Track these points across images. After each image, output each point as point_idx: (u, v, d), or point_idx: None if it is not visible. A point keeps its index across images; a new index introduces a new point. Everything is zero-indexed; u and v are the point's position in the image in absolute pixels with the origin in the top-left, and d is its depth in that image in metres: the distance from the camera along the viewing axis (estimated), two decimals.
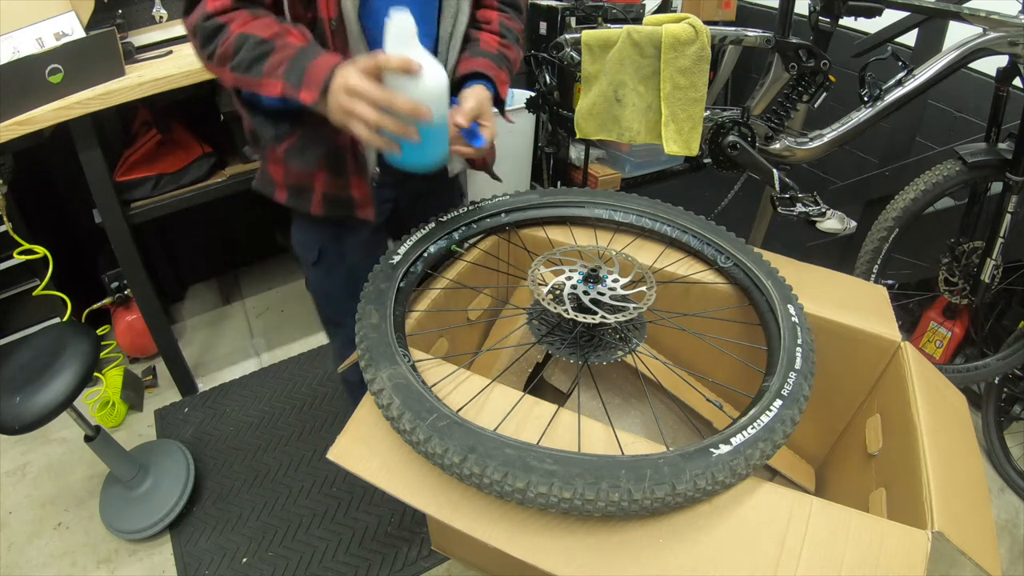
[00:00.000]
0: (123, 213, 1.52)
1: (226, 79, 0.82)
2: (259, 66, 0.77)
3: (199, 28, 0.79)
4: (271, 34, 0.77)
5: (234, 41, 0.77)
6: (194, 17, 0.80)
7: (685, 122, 1.16)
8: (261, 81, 0.77)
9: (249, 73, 0.78)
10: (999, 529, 1.50)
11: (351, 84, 0.72)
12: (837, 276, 1.09)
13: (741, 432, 0.68)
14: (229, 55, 0.78)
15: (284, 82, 0.76)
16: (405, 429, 0.67)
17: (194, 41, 0.81)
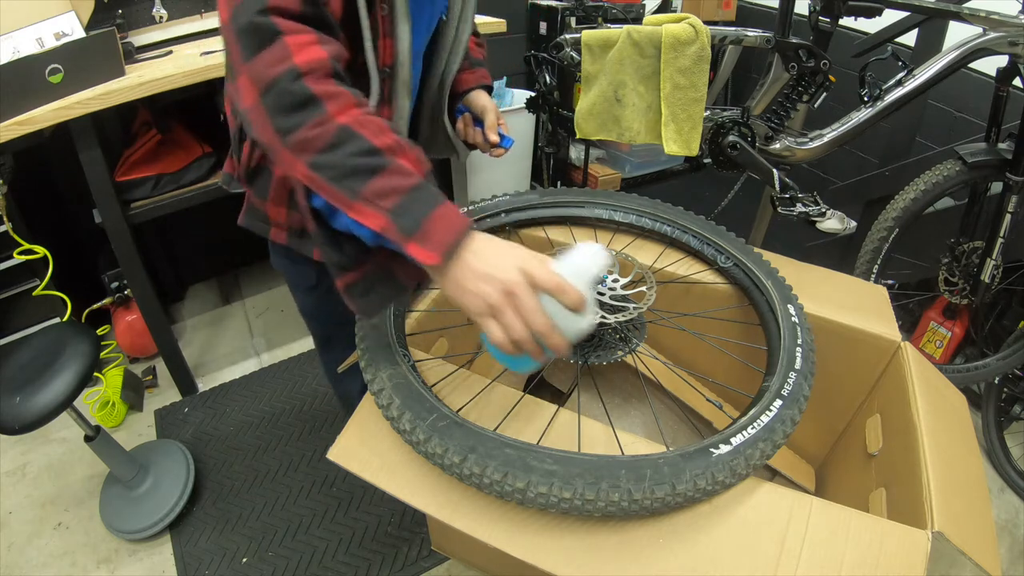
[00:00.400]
0: (123, 213, 1.51)
1: (294, 170, 0.60)
2: (358, 183, 0.58)
3: (280, 89, 0.58)
4: (385, 144, 0.59)
5: (335, 134, 0.58)
6: (275, 70, 0.58)
7: (685, 122, 1.16)
8: (354, 203, 0.58)
9: (340, 185, 0.58)
10: (999, 529, 1.50)
11: (516, 288, 0.57)
12: (837, 276, 1.09)
13: (741, 432, 0.68)
14: (319, 147, 0.58)
15: (390, 220, 0.57)
16: (405, 429, 0.67)
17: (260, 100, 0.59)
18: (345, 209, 0.59)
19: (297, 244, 0.90)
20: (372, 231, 0.59)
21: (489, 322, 0.58)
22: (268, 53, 0.59)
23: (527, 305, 0.57)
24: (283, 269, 1.00)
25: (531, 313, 0.57)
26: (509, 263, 0.58)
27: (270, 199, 0.87)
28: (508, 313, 0.58)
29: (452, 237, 0.58)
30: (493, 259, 0.59)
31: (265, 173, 0.85)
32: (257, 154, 0.84)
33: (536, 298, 0.58)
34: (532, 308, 0.58)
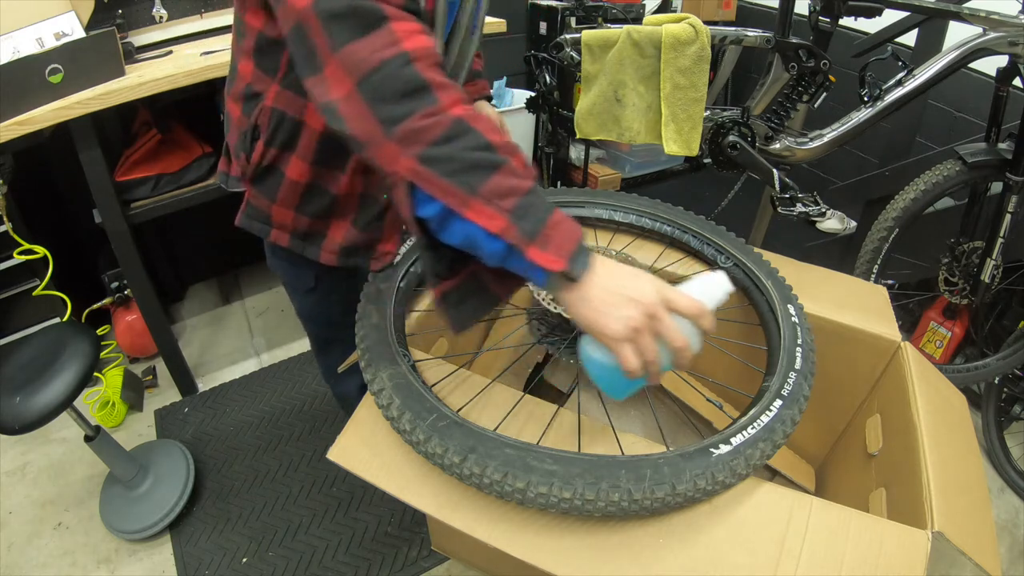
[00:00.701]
0: (123, 213, 1.51)
1: (397, 164, 0.55)
2: (477, 179, 0.54)
3: (387, 74, 0.54)
4: (498, 143, 0.56)
5: (450, 126, 0.55)
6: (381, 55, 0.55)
7: (685, 122, 1.16)
8: (471, 201, 0.54)
9: (456, 181, 0.54)
10: (999, 529, 1.50)
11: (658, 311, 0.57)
12: (837, 276, 1.09)
13: (741, 432, 0.68)
14: (431, 139, 0.54)
15: (510, 222, 0.54)
16: (405, 429, 0.67)
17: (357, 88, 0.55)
18: (459, 207, 0.55)
19: (300, 247, 0.88)
20: (488, 233, 0.55)
21: (626, 346, 0.57)
22: (374, 38, 0.55)
23: (669, 327, 0.57)
24: (281, 271, 0.98)
25: (673, 333, 0.57)
26: (647, 286, 0.57)
27: (278, 201, 0.84)
28: (647, 337, 0.57)
29: (572, 245, 0.56)
30: (630, 281, 0.58)
31: (276, 174, 0.83)
32: (271, 154, 0.81)
33: (674, 320, 0.58)
34: (674, 329, 0.57)
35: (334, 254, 0.88)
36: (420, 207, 0.58)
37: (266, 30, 0.73)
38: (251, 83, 0.79)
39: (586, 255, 0.57)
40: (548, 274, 0.56)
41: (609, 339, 0.57)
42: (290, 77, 0.75)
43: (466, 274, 0.66)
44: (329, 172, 0.82)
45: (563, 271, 0.56)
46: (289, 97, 0.77)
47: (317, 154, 0.80)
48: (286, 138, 0.79)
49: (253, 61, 0.77)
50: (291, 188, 0.83)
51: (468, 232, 0.57)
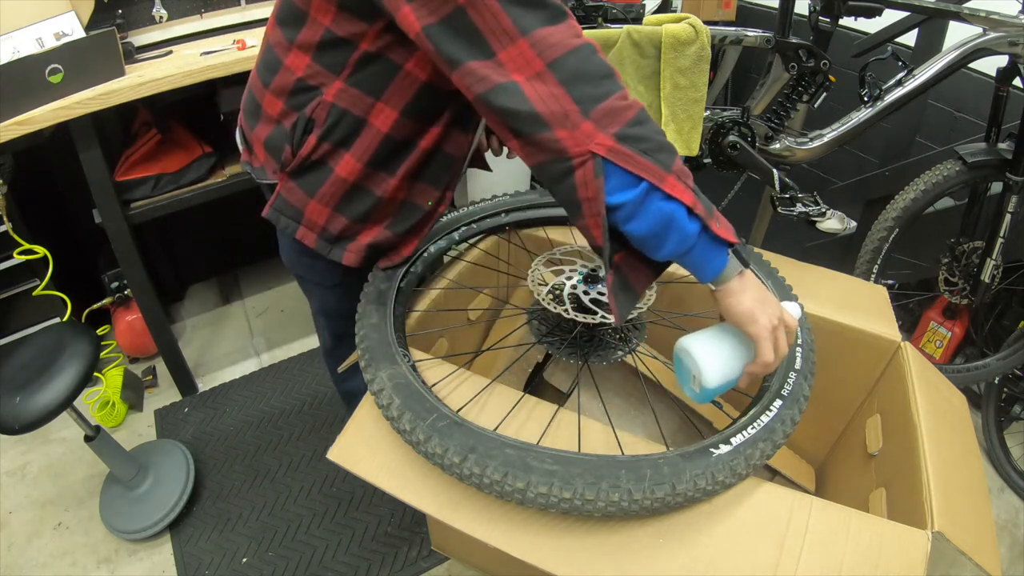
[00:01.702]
0: (123, 213, 1.51)
1: (592, 141, 0.59)
2: (669, 159, 0.60)
3: (583, 56, 0.59)
4: None
5: (640, 110, 0.61)
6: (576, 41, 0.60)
7: (685, 122, 1.16)
8: (667, 177, 0.59)
9: (654, 158, 0.59)
10: (999, 529, 1.50)
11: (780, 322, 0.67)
12: (837, 276, 1.09)
13: (741, 432, 0.68)
14: (627, 119, 0.59)
15: (695, 198, 0.61)
16: (405, 429, 0.67)
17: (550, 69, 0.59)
18: (656, 181, 0.59)
19: (325, 249, 0.86)
20: (689, 211, 0.60)
21: (768, 341, 0.64)
22: (563, 27, 0.60)
23: (783, 340, 0.66)
24: (303, 267, 0.96)
25: (787, 341, 0.67)
26: (776, 300, 0.68)
27: (316, 196, 0.83)
28: (775, 337, 0.65)
29: (732, 229, 0.64)
30: (767, 292, 0.68)
31: (323, 169, 0.81)
32: (324, 148, 0.79)
33: None
34: (788, 340, 0.67)
35: (359, 255, 0.87)
36: (615, 193, 0.60)
37: (335, 27, 0.73)
38: (303, 77, 0.77)
39: (744, 245, 0.66)
40: (727, 254, 0.64)
41: (760, 329, 0.64)
42: (358, 76, 0.75)
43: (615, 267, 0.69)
44: (379, 175, 0.82)
45: (735, 247, 0.63)
46: (355, 95, 0.76)
47: (375, 155, 0.80)
48: (344, 135, 0.79)
49: (310, 56, 0.76)
50: (337, 185, 0.82)
51: (667, 211, 0.60)
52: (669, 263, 0.70)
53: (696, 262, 0.65)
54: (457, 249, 1.04)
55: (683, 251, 0.63)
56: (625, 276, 0.69)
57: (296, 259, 0.96)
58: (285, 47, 0.78)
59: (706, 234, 0.63)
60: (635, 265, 0.69)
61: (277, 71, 0.80)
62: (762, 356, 0.65)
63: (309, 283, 1.01)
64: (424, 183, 0.86)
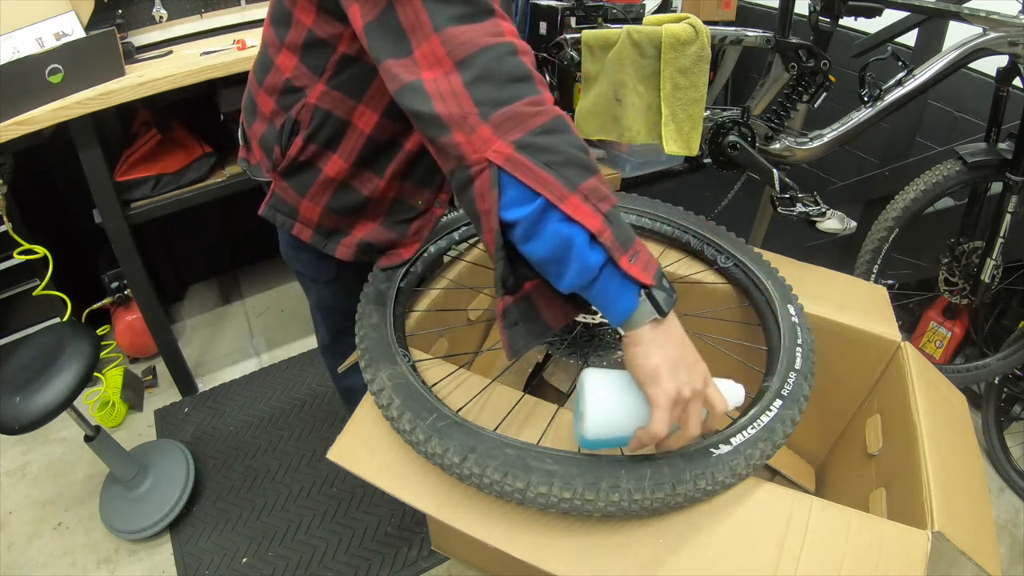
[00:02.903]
0: (123, 213, 1.51)
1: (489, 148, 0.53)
2: (578, 175, 0.53)
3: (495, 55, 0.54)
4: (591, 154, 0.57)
5: (553, 119, 0.54)
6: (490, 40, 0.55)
7: (685, 122, 1.16)
8: (570, 195, 0.52)
9: (556, 172, 0.52)
10: (999, 529, 1.50)
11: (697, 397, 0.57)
12: (837, 276, 1.09)
13: (741, 432, 0.68)
14: (533, 127, 0.53)
15: (606, 224, 0.53)
16: (405, 429, 0.67)
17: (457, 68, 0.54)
18: (555, 199, 0.52)
19: (321, 244, 0.88)
20: (589, 237, 0.53)
21: (669, 411, 0.55)
22: (480, 26, 0.55)
23: (697, 417, 0.58)
24: (300, 262, 0.98)
25: (696, 423, 0.58)
26: (703, 368, 0.58)
27: (308, 196, 0.84)
28: (677, 412, 0.56)
29: (655, 268, 0.55)
30: (693, 355, 0.58)
31: (312, 170, 0.82)
32: (311, 150, 0.80)
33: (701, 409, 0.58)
34: (699, 422, 0.58)
35: (352, 248, 0.88)
36: (510, 208, 0.54)
37: (316, 28, 0.73)
38: (291, 78, 0.78)
39: (670, 290, 0.55)
40: (638, 297, 0.54)
41: (659, 394, 0.55)
42: (339, 79, 0.75)
43: (522, 294, 0.63)
44: (366, 175, 0.82)
45: (650, 289, 0.54)
46: (337, 98, 0.77)
47: (360, 156, 0.80)
48: (329, 137, 0.79)
49: (297, 57, 0.76)
50: (326, 185, 0.83)
51: (565, 235, 0.53)
52: None
53: (600, 299, 0.57)
54: (457, 249, 1.04)
55: (584, 284, 0.55)
56: (536, 306, 0.63)
57: (293, 255, 0.97)
58: (277, 47, 0.79)
59: (612, 268, 0.54)
60: (550, 296, 0.61)
61: (269, 70, 0.81)
62: (652, 426, 0.55)
63: (306, 278, 1.03)
64: (413, 183, 0.86)
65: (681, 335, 0.57)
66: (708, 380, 0.57)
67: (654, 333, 0.55)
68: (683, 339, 0.57)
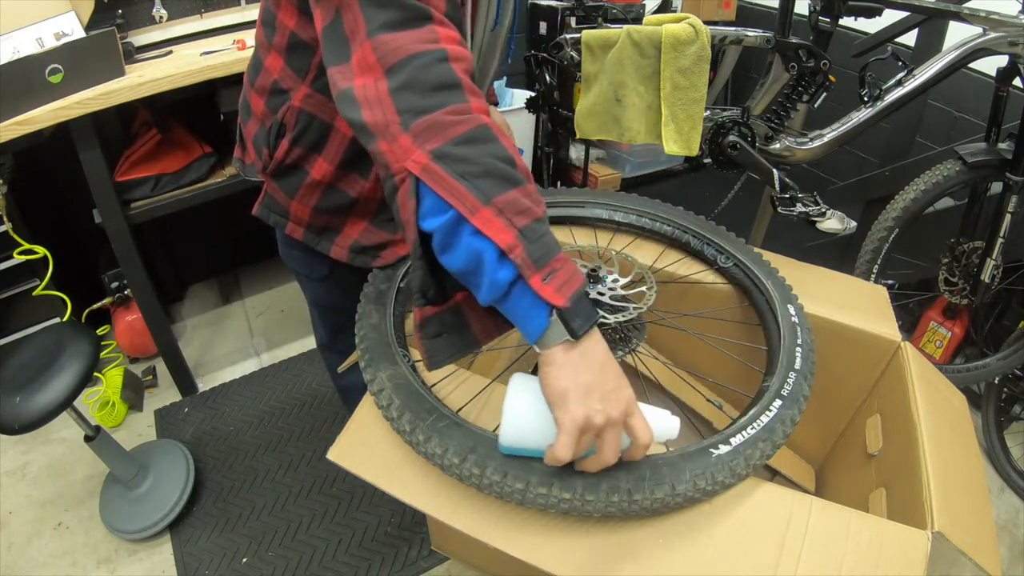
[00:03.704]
0: (123, 213, 1.52)
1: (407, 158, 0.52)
2: (493, 188, 0.51)
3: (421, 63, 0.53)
4: (520, 164, 0.54)
5: (475, 128, 0.52)
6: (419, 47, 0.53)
7: (685, 122, 1.16)
8: (482, 209, 0.50)
9: (469, 183, 0.50)
10: (999, 529, 1.50)
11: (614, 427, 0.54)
12: (837, 276, 1.09)
13: (741, 432, 0.68)
14: (452, 136, 0.51)
15: (519, 240, 0.50)
16: (405, 429, 0.67)
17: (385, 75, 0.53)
18: (466, 212, 0.50)
19: (314, 241, 0.89)
20: (498, 253, 0.51)
21: (573, 437, 0.52)
22: (414, 32, 0.54)
23: (613, 445, 0.54)
24: (295, 260, 0.99)
25: (612, 451, 0.55)
26: (625, 393, 0.54)
27: (297, 197, 0.85)
28: (588, 439, 0.53)
29: (576, 288, 0.52)
30: (615, 379, 0.54)
31: (299, 172, 0.83)
32: (296, 153, 0.81)
33: (621, 438, 0.55)
34: (615, 451, 0.55)
35: (346, 250, 0.89)
36: (427, 219, 0.53)
37: (298, 30, 0.73)
38: (278, 79, 0.78)
39: (591, 311, 0.53)
40: (549, 317, 0.52)
41: (565, 418, 0.52)
42: (321, 81, 0.74)
43: (450, 306, 0.61)
44: (352, 176, 0.82)
45: (563, 311, 0.51)
46: (320, 101, 0.77)
47: (344, 159, 0.80)
48: (314, 139, 0.79)
49: (283, 58, 0.77)
50: (313, 187, 0.84)
51: (475, 249, 0.51)
52: None
53: (512, 315, 0.55)
54: None
55: (497, 299, 0.53)
56: (466, 318, 0.61)
57: (288, 252, 0.99)
58: (266, 48, 0.80)
59: (522, 286, 0.51)
60: (481, 309, 0.59)
61: (260, 71, 0.82)
62: (555, 449, 0.53)
63: (301, 276, 1.04)
64: None
65: (602, 360, 0.54)
66: (630, 409, 0.54)
67: (566, 356, 0.53)
68: (603, 364, 0.54)
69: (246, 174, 0.93)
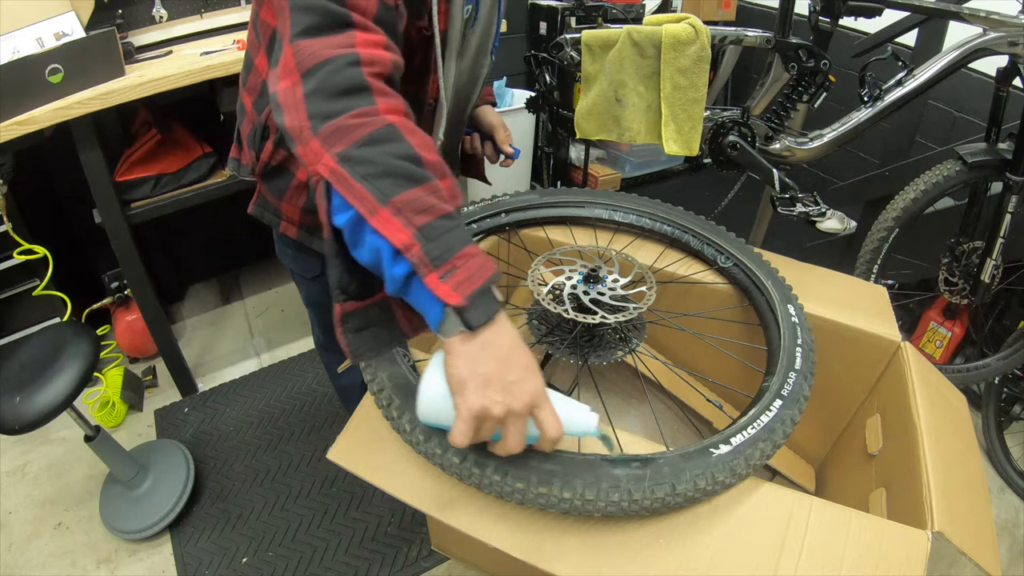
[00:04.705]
0: (123, 213, 1.52)
1: (318, 162, 0.53)
2: (392, 187, 0.52)
3: (332, 69, 0.54)
4: (429, 160, 0.54)
5: (379, 129, 0.53)
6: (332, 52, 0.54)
7: (685, 122, 1.16)
8: (380, 209, 0.51)
9: (369, 184, 0.51)
10: (999, 529, 1.50)
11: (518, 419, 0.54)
12: (837, 276, 1.09)
13: (741, 432, 0.68)
14: (356, 139, 0.52)
15: (416, 239, 0.51)
16: (405, 429, 0.67)
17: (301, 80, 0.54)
18: (367, 214, 0.51)
19: (307, 239, 0.91)
20: (393, 251, 0.52)
21: (470, 423, 0.53)
22: (331, 37, 0.56)
23: (516, 434, 0.55)
24: (289, 259, 1.01)
25: (515, 441, 0.55)
26: (530, 385, 0.54)
27: (285, 198, 0.87)
28: (490, 427, 0.54)
29: (478, 285, 0.52)
30: (519, 369, 0.54)
31: (286, 175, 0.85)
32: (280, 155, 0.83)
33: (527, 428, 0.55)
34: (519, 440, 0.55)
35: None
36: (336, 215, 0.54)
37: None
38: (266, 79, 0.80)
39: (492, 304, 0.53)
40: (444, 310, 0.52)
41: (461, 405, 0.53)
42: None
43: (375, 300, 0.62)
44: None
45: (459, 307, 0.51)
46: None
47: None
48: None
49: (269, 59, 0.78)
50: (299, 188, 0.85)
51: (375, 246, 0.53)
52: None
53: (415, 306, 0.56)
54: None
55: (398, 292, 0.55)
56: (392, 312, 0.62)
57: (283, 251, 1.00)
58: (256, 47, 0.81)
59: (418, 282, 0.52)
60: (407, 305, 0.59)
61: (250, 70, 0.83)
62: (452, 434, 0.54)
63: (296, 275, 1.05)
64: None
65: (505, 351, 0.53)
66: (537, 402, 0.54)
67: (464, 346, 0.53)
68: (506, 356, 0.53)
69: (240, 174, 0.94)
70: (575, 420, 0.60)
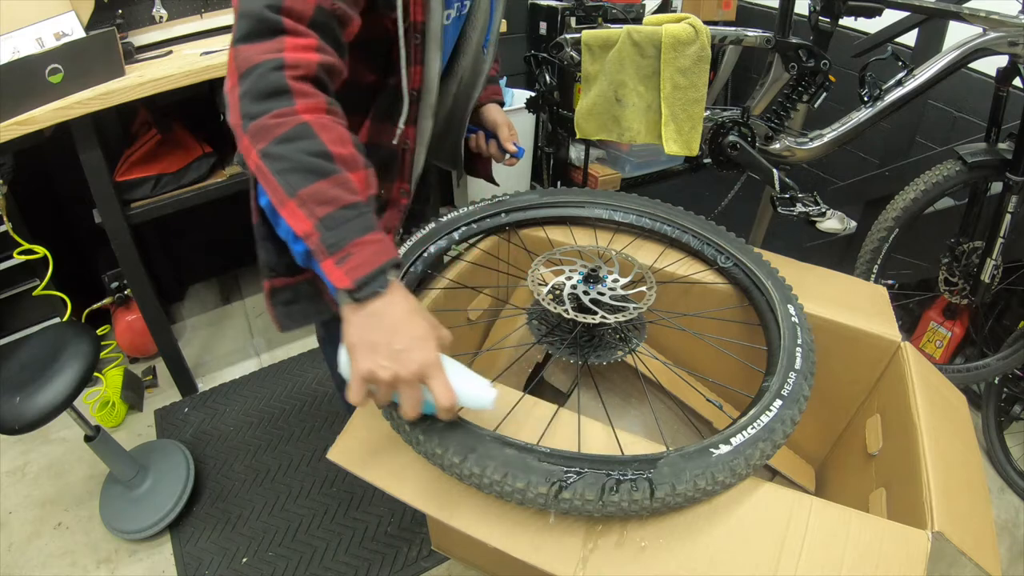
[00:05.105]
0: (123, 213, 1.52)
1: (249, 157, 0.61)
2: (300, 181, 0.58)
3: (258, 73, 0.59)
4: (339, 153, 0.60)
5: (294, 127, 0.59)
6: (261, 57, 0.60)
7: (685, 122, 1.16)
8: (288, 201, 0.58)
9: (281, 179, 0.58)
10: (999, 529, 1.50)
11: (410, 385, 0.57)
12: (837, 276, 1.09)
13: (741, 432, 0.68)
14: (274, 137, 0.59)
15: (316, 228, 0.57)
16: (405, 429, 0.67)
17: (238, 82, 0.60)
18: (278, 204, 0.59)
19: None
20: (294, 235, 0.59)
21: (356, 383, 0.57)
22: (263, 43, 0.61)
23: (410, 399, 0.58)
24: None
25: (409, 405, 0.58)
26: (419, 355, 0.57)
27: None
28: (384, 392, 0.58)
29: (370, 268, 0.57)
30: (407, 339, 0.57)
31: None
32: None
33: (421, 394, 0.58)
34: (414, 405, 0.58)
35: None
36: (260, 199, 0.67)
37: None
38: None
39: (382, 283, 0.58)
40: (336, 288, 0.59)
41: (353, 368, 0.58)
42: None
43: (307, 276, 0.69)
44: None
45: (346, 289, 0.57)
46: None
47: None
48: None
49: None
50: None
51: (286, 231, 0.60)
52: None
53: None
54: (457, 249, 1.04)
55: (305, 264, 0.62)
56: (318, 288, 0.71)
57: None
58: None
59: (315, 263, 0.59)
60: None
61: None
62: (347, 392, 0.58)
63: None
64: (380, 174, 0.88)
65: (395, 322, 0.58)
66: (427, 372, 0.57)
67: (354, 315, 0.58)
68: (395, 325, 0.58)
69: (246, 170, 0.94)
70: (471, 393, 0.62)
